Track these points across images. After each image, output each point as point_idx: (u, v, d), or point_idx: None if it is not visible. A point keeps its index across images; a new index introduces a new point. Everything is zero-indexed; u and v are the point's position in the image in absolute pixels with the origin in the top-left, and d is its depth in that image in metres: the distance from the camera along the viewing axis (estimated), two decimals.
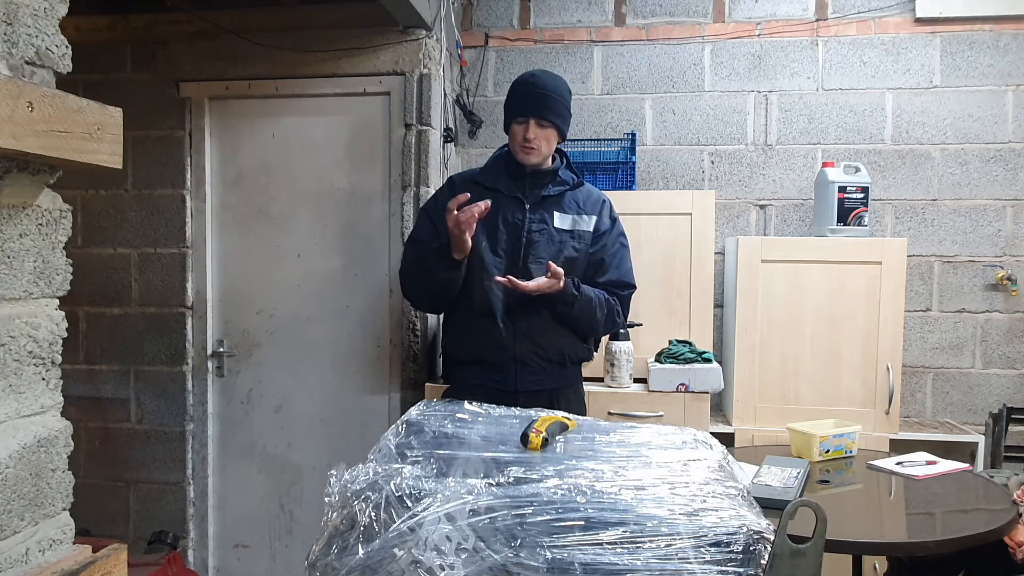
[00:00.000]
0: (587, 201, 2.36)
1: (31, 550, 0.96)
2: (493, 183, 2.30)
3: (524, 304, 2.23)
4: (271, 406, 3.17)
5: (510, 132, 2.28)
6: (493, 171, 2.35)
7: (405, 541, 1.19)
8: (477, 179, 2.34)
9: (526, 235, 2.26)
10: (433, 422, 1.53)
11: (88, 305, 3.20)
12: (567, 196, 2.33)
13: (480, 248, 2.24)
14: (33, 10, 0.93)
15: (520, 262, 2.25)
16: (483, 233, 2.24)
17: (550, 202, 2.30)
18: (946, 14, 3.18)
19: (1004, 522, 1.77)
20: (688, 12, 3.37)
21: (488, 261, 2.24)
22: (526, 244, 2.26)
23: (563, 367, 2.33)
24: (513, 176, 2.31)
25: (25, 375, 0.96)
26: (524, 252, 2.26)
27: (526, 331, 2.25)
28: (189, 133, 3.14)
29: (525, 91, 2.26)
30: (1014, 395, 3.23)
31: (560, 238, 2.29)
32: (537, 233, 2.27)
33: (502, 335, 2.24)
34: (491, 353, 2.26)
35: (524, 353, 2.25)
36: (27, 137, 0.84)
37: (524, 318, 2.25)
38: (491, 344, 2.25)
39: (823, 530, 1.26)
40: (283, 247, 3.13)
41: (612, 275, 2.35)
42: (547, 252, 2.26)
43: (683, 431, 1.55)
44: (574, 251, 2.29)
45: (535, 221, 2.28)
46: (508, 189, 2.30)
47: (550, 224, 2.28)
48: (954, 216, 3.25)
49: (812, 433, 2.23)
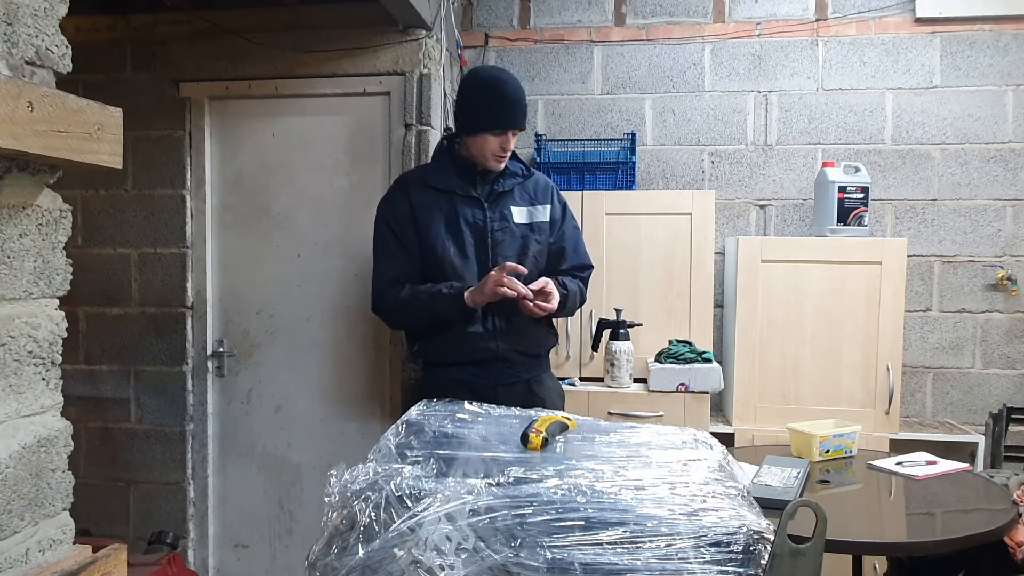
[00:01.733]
0: (537, 190, 2.35)
1: (31, 550, 0.96)
2: (445, 184, 2.27)
3: (500, 305, 2.21)
4: (271, 406, 3.17)
5: (478, 141, 2.20)
6: (443, 172, 2.29)
7: (405, 541, 1.19)
8: (428, 181, 2.29)
9: (490, 235, 2.25)
10: (433, 422, 1.53)
11: (88, 305, 3.20)
12: (518, 189, 2.31)
13: (449, 254, 2.23)
14: (33, 10, 0.93)
15: (489, 262, 2.24)
16: (448, 237, 2.24)
17: (505, 197, 2.29)
18: (946, 14, 3.18)
19: (1004, 522, 1.77)
20: (688, 12, 3.37)
21: (459, 266, 2.23)
22: (492, 244, 2.25)
23: (537, 358, 2.36)
24: (463, 174, 2.27)
25: (25, 375, 0.96)
26: (491, 252, 2.25)
27: (506, 330, 2.25)
28: (189, 133, 3.14)
29: (501, 101, 2.18)
30: (1014, 395, 3.23)
31: (521, 232, 2.29)
32: (500, 232, 2.26)
33: (483, 337, 2.24)
34: (473, 354, 2.25)
35: (505, 352, 2.25)
36: (27, 137, 0.84)
37: (503, 318, 2.25)
38: (472, 346, 2.24)
39: (823, 530, 1.26)
40: (283, 247, 3.13)
41: (572, 260, 2.39)
42: (512, 249, 2.26)
43: (683, 431, 1.55)
44: (537, 243, 2.31)
45: (495, 219, 2.26)
46: (462, 188, 2.27)
47: (511, 221, 2.28)
48: (954, 216, 3.25)
49: (812, 433, 2.23)
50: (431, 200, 2.27)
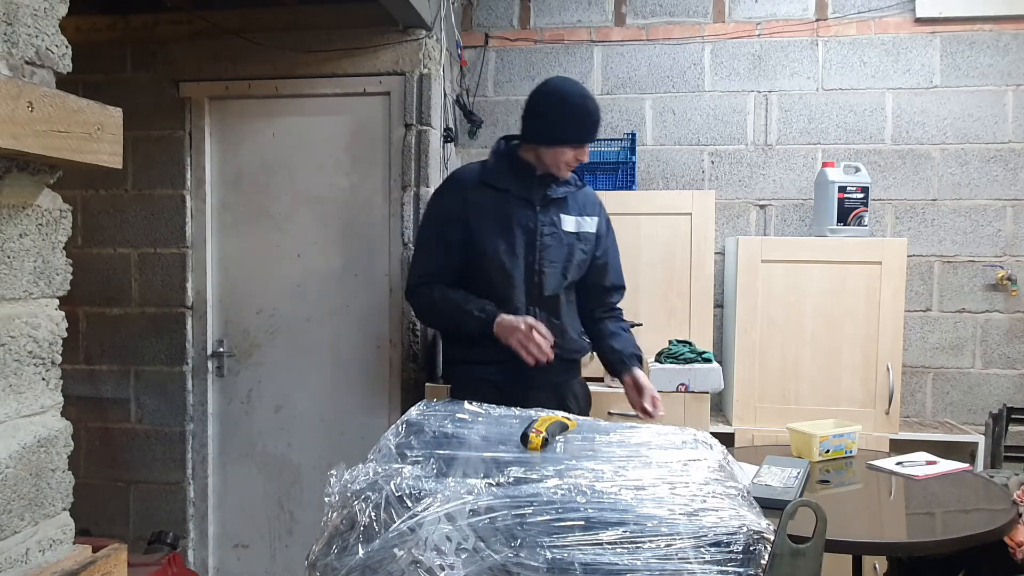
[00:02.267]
0: (587, 203, 2.39)
1: (31, 550, 0.96)
2: (503, 184, 2.28)
3: (541, 306, 2.27)
4: (271, 406, 3.17)
5: (554, 151, 2.22)
6: (502, 171, 2.30)
7: (405, 541, 1.19)
8: (487, 179, 2.30)
9: (539, 239, 2.27)
10: (433, 422, 1.53)
11: (88, 305, 3.20)
12: (570, 198, 2.34)
13: (499, 252, 2.24)
14: (33, 10, 0.93)
15: (536, 265, 2.27)
16: (498, 236, 2.25)
17: (557, 204, 2.31)
18: (946, 14, 3.18)
19: (1004, 522, 1.77)
20: (688, 12, 3.37)
21: (507, 265, 2.25)
22: (540, 248, 2.27)
23: (569, 363, 2.39)
24: (521, 177, 2.29)
25: (25, 375, 0.96)
26: (539, 255, 2.27)
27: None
28: (189, 133, 3.14)
29: (585, 119, 2.22)
30: (1014, 395, 3.23)
31: (568, 240, 2.31)
32: (549, 236, 2.28)
33: None
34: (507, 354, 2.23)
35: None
36: (27, 137, 0.84)
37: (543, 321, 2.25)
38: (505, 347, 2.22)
39: (823, 530, 1.26)
40: (283, 247, 3.13)
41: (614, 279, 2.44)
42: (558, 255, 2.29)
43: (683, 431, 1.55)
44: (582, 253, 2.34)
45: (546, 224, 2.28)
46: (517, 190, 2.28)
47: (559, 227, 2.30)
48: (954, 216, 3.25)
49: (812, 433, 2.23)
50: (486, 199, 2.28)
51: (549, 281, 2.28)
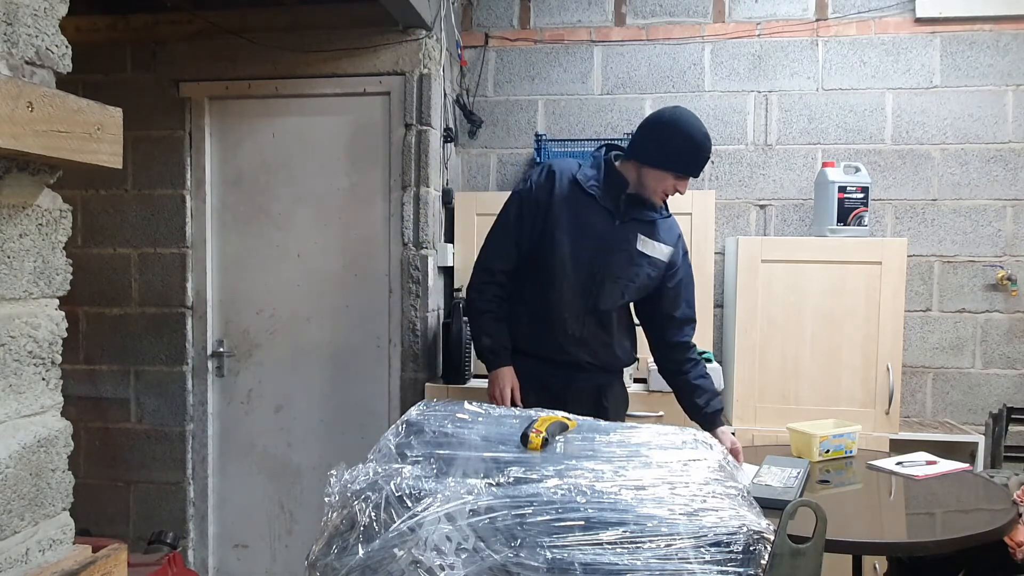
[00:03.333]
0: (668, 231, 2.36)
1: (31, 550, 0.96)
2: (593, 189, 2.28)
3: (593, 317, 2.29)
4: (271, 406, 3.17)
5: (658, 175, 2.22)
6: (594, 177, 2.30)
7: (405, 541, 1.19)
8: (579, 178, 2.29)
9: (609, 251, 2.26)
10: (433, 422, 1.53)
11: (88, 305, 3.20)
12: (655, 224, 2.32)
13: (564, 254, 2.25)
14: (33, 10, 0.93)
15: (598, 276, 2.26)
16: (570, 236, 2.25)
17: (637, 225, 2.30)
18: (946, 14, 3.18)
19: (1004, 522, 1.77)
20: (688, 12, 3.37)
21: (568, 267, 2.25)
22: (607, 260, 2.26)
23: (613, 372, 2.42)
24: (611, 189, 2.28)
25: (25, 375, 0.96)
26: (603, 268, 2.26)
27: (589, 341, 2.30)
28: (189, 133, 3.14)
29: (699, 152, 2.20)
30: (1014, 395, 3.23)
31: (639, 261, 2.29)
32: (620, 252, 2.27)
33: (569, 341, 2.29)
34: (552, 353, 2.31)
35: (582, 360, 2.31)
36: (27, 137, 0.84)
37: (591, 330, 2.29)
38: (555, 346, 2.30)
39: (823, 530, 1.26)
40: (283, 247, 3.13)
41: (686, 311, 2.39)
42: (624, 272, 2.28)
43: (683, 431, 1.55)
44: (648, 277, 2.32)
45: (620, 239, 2.27)
46: (603, 199, 2.27)
47: (633, 245, 2.28)
48: (954, 216, 3.25)
49: (812, 433, 2.23)
50: (572, 196, 2.27)
51: (607, 295, 2.27)
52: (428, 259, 3.01)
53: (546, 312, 2.29)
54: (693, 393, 2.34)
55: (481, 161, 3.49)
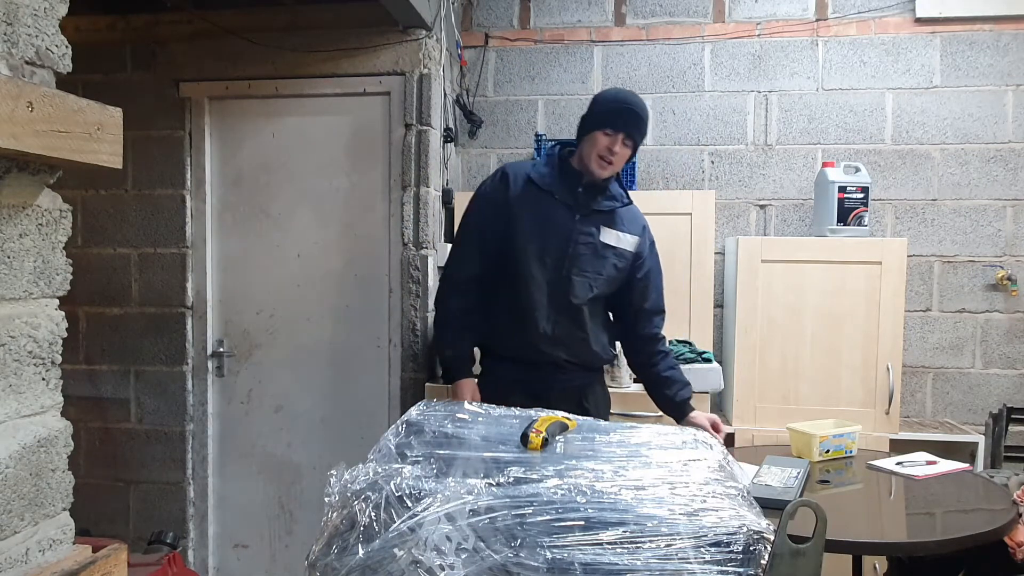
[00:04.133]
0: (631, 221, 2.36)
1: (31, 550, 0.96)
2: (548, 185, 2.28)
3: (565, 314, 2.27)
4: (271, 406, 3.17)
5: (590, 139, 2.21)
6: (548, 173, 2.30)
7: (405, 541, 1.19)
8: (534, 177, 2.30)
9: (572, 246, 2.26)
10: (433, 422, 1.53)
11: (88, 305, 3.20)
12: (614, 213, 2.32)
13: (528, 250, 2.24)
14: (33, 10, 0.93)
15: (564, 272, 2.26)
16: (533, 235, 2.25)
17: (599, 216, 2.29)
18: (946, 14, 3.18)
19: (1004, 522, 1.77)
20: (688, 12, 3.37)
21: (533, 266, 2.25)
22: (571, 255, 2.26)
23: (592, 371, 2.41)
24: (568, 183, 2.28)
25: (25, 375, 0.96)
26: (568, 263, 2.26)
27: (565, 339, 2.29)
28: (189, 133, 3.14)
29: (622, 106, 2.21)
30: (1014, 395, 3.23)
31: (604, 253, 2.29)
32: (583, 246, 2.27)
33: (542, 340, 2.27)
34: (529, 354, 2.29)
35: (559, 358, 2.30)
36: (27, 137, 0.84)
37: (564, 327, 2.28)
38: (530, 347, 2.28)
39: (823, 530, 1.26)
40: (283, 247, 3.13)
41: (654, 302, 2.40)
42: (590, 266, 2.27)
43: (683, 431, 1.55)
44: (615, 269, 2.31)
45: (583, 233, 2.26)
46: (561, 196, 2.27)
47: (596, 237, 2.28)
48: (954, 216, 3.25)
49: (812, 433, 2.23)
50: (530, 195, 2.28)
51: (576, 290, 2.26)
52: (428, 259, 3.01)
53: (519, 314, 2.27)
54: (663, 385, 2.36)
55: (481, 161, 3.49)
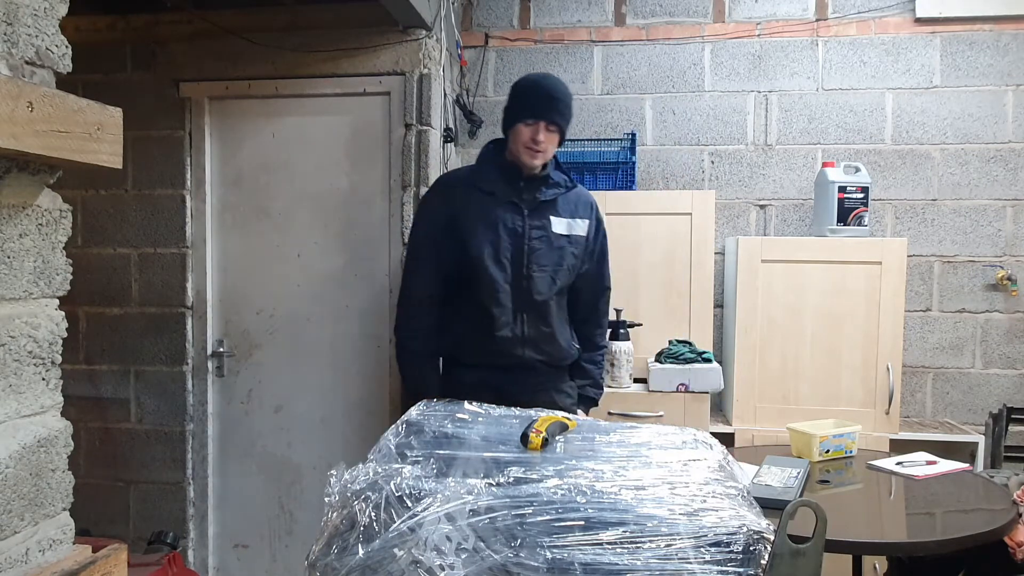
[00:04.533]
0: (579, 204, 2.35)
1: (31, 550, 0.96)
2: (489, 187, 2.26)
3: (530, 312, 2.25)
4: (271, 406, 3.17)
5: (513, 133, 2.21)
6: (488, 173, 2.29)
7: (405, 541, 1.19)
8: (474, 181, 2.28)
9: (527, 243, 2.24)
10: (433, 422, 1.53)
11: (88, 305, 3.20)
12: (560, 200, 2.31)
13: (483, 256, 2.22)
14: (33, 10, 0.93)
15: (524, 270, 2.24)
16: (485, 239, 2.22)
17: (546, 207, 2.28)
18: (946, 14, 3.18)
19: (1004, 522, 1.77)
20: (688, 12, 3.37)
21: (492, 271, 2.22)
22: (528, 252, 2.24)
23: (560, 369, 2.38)
24: (508, 180, 2.27)
25: (25, 375, 0.96)
26: (527, 260, 2.24)
27: (533, 338, 2.27)
28: (189, 133, 3.14)
29: (536, 93, 2.21)
30: (1014, 395, 3.23)
31: (559, 243, 2.28)
32: (538, 240, 2.25)
33: (510, 342, 2.25)
34: (497, 358, 2.26)
35: (530, 359, 2.28)
36: (27, 137, 0.84)
37: (531, 325, 2.26)
38: (497, 350, 2.25)
39: (823, 530, 1.26)
40: (283, 247, 3.13)
41: (600, 283, 2.42)
42: (548, 259, 2.26)
43: (683, 431, 1.55)
44: (573, 257, 2.31)
45: (535, 228, 2.25)
46: (504, 194, 2.25)
47: (549, 230, 2.27)
48: (954, 216, 3.25)
49: (812, 433, 2.23)
50: (473, 200, 2.26)
51: (539, 286, 2.25)
52: None
53: (484, 319, 2.24)
54: (575, 372, 2.39)
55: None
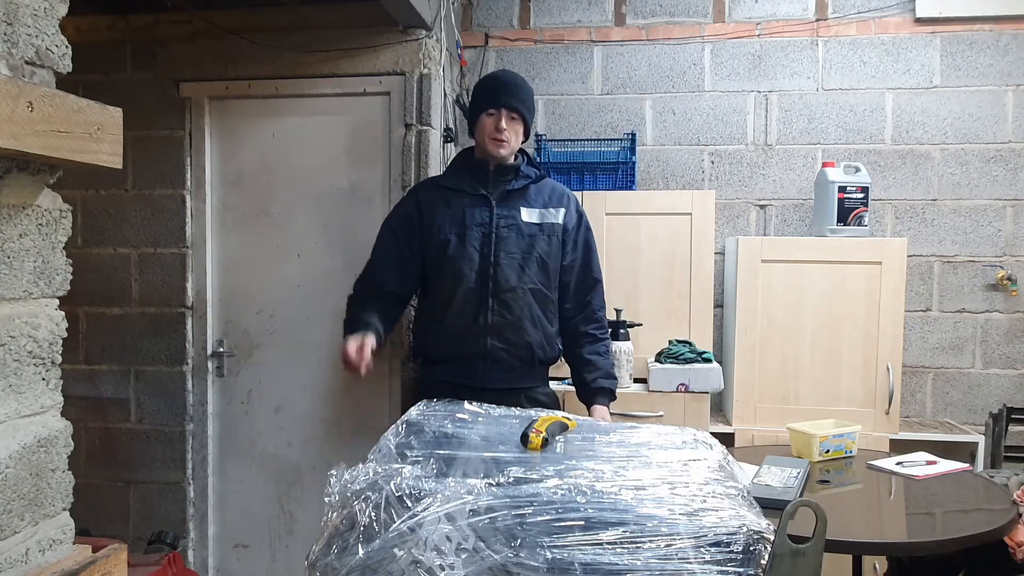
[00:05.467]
0: (552, 194, 2.38)
1: (31, 550, 0.96)
2: (456, 184, 2.34)
3: (498, 299, 2.27)
4: (271, 406, 3.16)
5: (478, 127, 2.31)
6: (455, 172, 2.39)
7: (405, 541, 1.19)
8: (439, 182, 2.39)
9: (495, 231, 2.29)
10: (433, 422, 1.53)
11: (88, 305, 3.20)
12: (531, 189, 2.35)
13: (450, 247, 2.29)
14: (33, 10, 0.93)
15: (491, 257, 2.28)
16: (450, 231, 2.29)
17: (515, 197, 2.33)
18: (946, 14, 3.18)
19: (1004, 522, 1.77)
20: (688, 12, 3.37)
21: (459, 260, 2.27)
22: (496, 240, 2.28)
23: (532, 366, 2.35)
24: (476, 175, 2.34)
25: (25, 375, 0.96)
26: (495, 248, 2.28)
27: (498, 327, 2.27)
28: (189, 133, 3.14)
29: (494, 85, 2.31)
30: (1014, 395, 3.23)
31: (529, 232, 2.31)
32: (506, 229, 2.29)
33: (472, 332, 2.26)
34: (460, 349, 2.29)
35: (493, 349, 2.27)
36: (27, 137, 0.84)
37: (497, 314, 2.27)
38: (460, 339, 2.28)
39: (823, 530, 1.26)
40: (283, 247, 3.13)
41: (587, 275, 2.42)
42: (518, 247, 2.29)
43: (683, 431, 1.55)
44: (546, 244, 2.32)
45: (503, 217, 2.30)
46: (472, 188, 2.33)
47: (518, 219, 2.31)
48: (954, 216, 3.25)
49: (812, 433, 2.23)
50: (440, 198, 2.35)
51: (506, 273, 2.27)
52: None
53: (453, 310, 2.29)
54: (582, 367, 2.37)
55: None
